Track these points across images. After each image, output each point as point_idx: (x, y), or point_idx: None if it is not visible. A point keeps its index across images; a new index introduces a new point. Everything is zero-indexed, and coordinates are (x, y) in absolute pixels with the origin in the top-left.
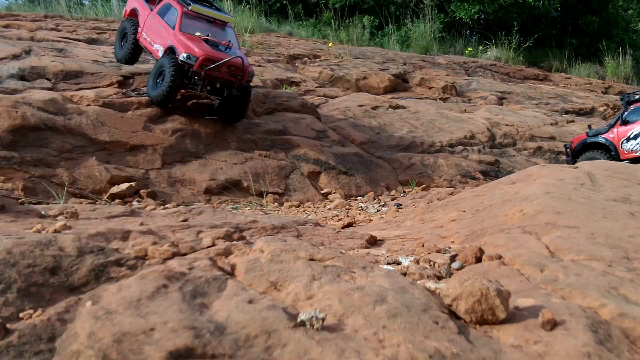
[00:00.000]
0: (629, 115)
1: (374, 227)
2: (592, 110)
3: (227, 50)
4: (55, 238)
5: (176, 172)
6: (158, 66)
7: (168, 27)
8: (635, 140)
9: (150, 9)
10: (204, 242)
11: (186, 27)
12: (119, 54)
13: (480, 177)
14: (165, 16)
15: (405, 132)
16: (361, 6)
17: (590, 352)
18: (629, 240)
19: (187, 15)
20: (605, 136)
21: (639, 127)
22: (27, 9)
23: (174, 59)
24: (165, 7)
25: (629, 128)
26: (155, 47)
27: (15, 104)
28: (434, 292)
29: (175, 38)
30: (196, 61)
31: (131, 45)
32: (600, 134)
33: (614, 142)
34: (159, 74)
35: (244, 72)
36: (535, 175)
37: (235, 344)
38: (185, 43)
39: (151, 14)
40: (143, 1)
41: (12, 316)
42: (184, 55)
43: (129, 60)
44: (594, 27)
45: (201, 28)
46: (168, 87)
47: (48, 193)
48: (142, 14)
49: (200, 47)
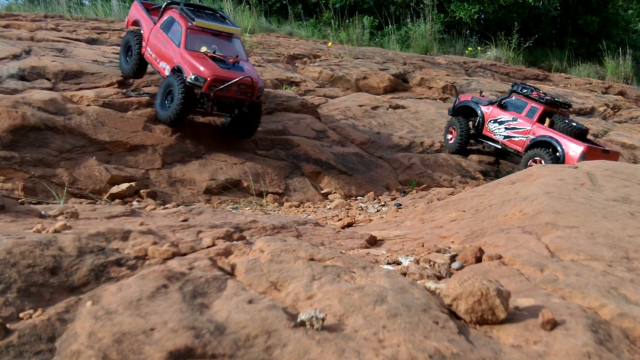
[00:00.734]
0: (508, 102)
1: (374, 227)
2: (592, 110)
3: (235, 67)
4: (55, 238)
5: (176, 172)
6: (166, 85)
7: (173, 44)
8: (499, 125)
9: (153, 21)
10: (204, 242)
11: (192, 44)
12: (125, 69)
13: (480, 177)
14: (170, 31)
15: (405, 132)
16: (361, 6)
17: (590, 352)
18: (629, 240)
19: (191, 30)
20: (481, 107)
21: (507, 116)
22: (27, 9)
23: (182, 80)
24: (168, 22)
25: (500, 113)
26: (162, 64)
27: (15, 104)
28: (434, 292)
29: (182, 57)
30: (204, 82)
31: (136, 60)
32: (479, 105)
33: (485, 117)
34: (167, 92)
35: (254, 88)
36: (535, 175)
37: (235, 344)
38: (192, 63)
39: (154, 27)
40: (145, 13)
41: (12, 316)
42: (192, 77)
43: (136, 74)
44: (594, 27)
45: (207, 42)
46: (178, 109)
47: (48, 193)
48: (145, 27)
49: (207, 66)
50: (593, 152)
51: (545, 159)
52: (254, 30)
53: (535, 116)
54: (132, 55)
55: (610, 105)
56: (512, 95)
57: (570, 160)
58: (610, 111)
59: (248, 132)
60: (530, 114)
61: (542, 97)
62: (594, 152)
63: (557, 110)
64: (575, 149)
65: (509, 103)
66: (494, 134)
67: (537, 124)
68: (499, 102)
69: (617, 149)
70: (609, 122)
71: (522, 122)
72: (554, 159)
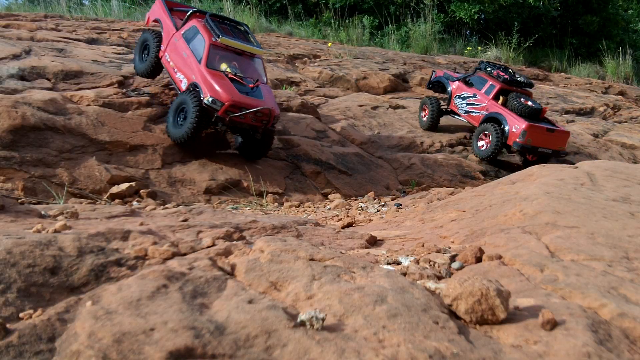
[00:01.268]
0: (473, 79)
1: (374, 227)
2: (592, 110)
3: (254, 92)
4: (55, 238)
5: (176, 172)
6: (179, 102)
7: (194, 58)
8: (462, 100)
9: (175, 25)
10: (204, 242)
11: (213, 61)
12: (139, 67)
13: (480, 177)
14: (192, 43)
15: (405, 132)
16: (361, 6)
17: (590, 352)
18: (629, 240)
19: (215, 46)
20: (450, 84)
21: (469, 92)
22: (27, 9)
23: (197, 100)
24: (192, 31)
25: (465, 89)
26: (179, 76)
27: (15, 104)
28: (434, 292)
29: (201, 75)
30: (221, 107)
31: (153, 61)
32: (449, 80)
33: (452, 92)
34: (180, 110)
35: (270, 117)
36: (535, 175)
37: (235, 344)
38: (211, 84)
39: (176, 34)
40: (168, 14)
41: (12, 316)
42: (209, 99)
43: (150, 75)
44: (594, 27)
45: (228, 59)
46: (191, 130)
47: (48, 193)
48: (166, 30)
49: (226, 90)
50: (535, 130)
51: (492, 134)
52: (254, 30)
53: (491, 93)
54: (149, 55)
55: (610, 105)
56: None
57: (513, 136)
58: (610, 111)
59: (259, 155)
60: (488, 91)
61: (501, 75)
62: (536, 130)
63: (515, 89)
64: (518, 125)
65: (473, 80)
66: (458, 108)
67: (492, 101)
68: (465, 78)
69: (617, 149)
70: (609, 122)
71: (480, 98)
72: (499, 133)
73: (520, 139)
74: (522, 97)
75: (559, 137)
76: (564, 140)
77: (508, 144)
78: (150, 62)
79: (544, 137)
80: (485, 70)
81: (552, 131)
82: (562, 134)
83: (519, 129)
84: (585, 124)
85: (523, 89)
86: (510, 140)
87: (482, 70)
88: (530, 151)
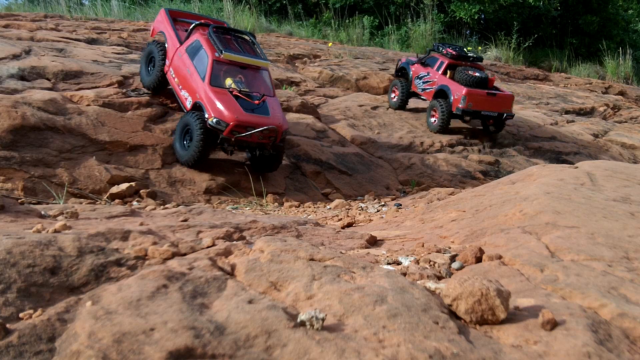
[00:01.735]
0: (428, 60)
1: (374, 227)
2: (592, 110)
3: (260, 108)
4: (55, 238)
5: (176, 172)
6: (184, 124)
7: (197, 75)
8: (420, 80)
9: (179, 39)
10: (204, 242)
11: (217, 77)
12: (145, 80)
13: (480, 177)
14: (195, 58)
15: (405, 132)
16: (361, 6)
17: (590, 352)
18: (629, 240)
19: (218, 62)
20: (411, 67)
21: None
22: (27, 9)
23: (201, 120)
24: (195, 47)
25: (422, 69)
26: (184, 93)
27: (15, 104)
28: (434, 292)
29: (205, 94)
30: (226, 127)
31: (158, 75)
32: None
33: (413, 74)
34: (185, 131)
35: (279, 133)
36: (535, 175)
37: (235, 344)
38: (215, 104)
39: (180, 49)
40: (171, 26)
41: (12, 316)
42: (214, 120)
43: (156, 88)
44: (594, 27)
45: (233, 73)
46: (197, 152)
47: (48, 193)
48: (170, 44)
49: (231, 109)
50: (475, 94)
51: (438, 109)
52: (254, 30)
53: (441, 69)
54: (155, 69)
55: (610, 105)
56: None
57: (455, 102)
58: (610, 111)
59: (270, 169)
60: (439, 67)
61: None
62: (476, 95)
63: (464, 64)
64: (459, 92)
65: (429, 60)
66: (418, 88)
67: (441, 76)
68: (421, 60)
69: (617, 149)
70: (609, 122)
71: (432, 75)
72: (445, 105)
73: (461, 104)
74: (469, 70)
75: (501, 100)
76: (508, 102)
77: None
78: (156, 77)
79: (485, 101)
80: (438, 50)
81: (494, 95)
82: (505, 97)
83: (459, 95)
84: (585, 124)
85: (472, 63)
86: (454, 107)
87: (435, 51)
88: (475, 115)
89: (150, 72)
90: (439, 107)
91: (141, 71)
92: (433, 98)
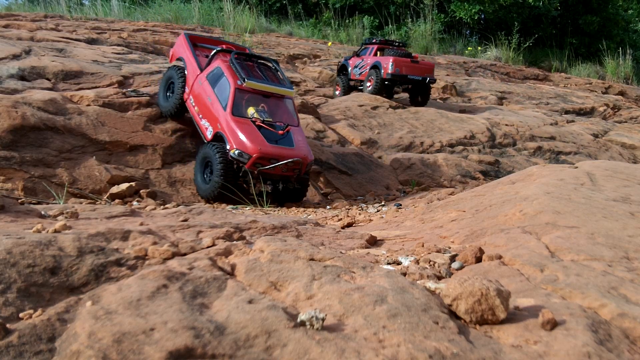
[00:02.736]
0: (362, 52)
1: (374, 227)
2: (592, 110)
3: (284, 139)
4: (55, 238)
5: (176, 172)
6: (204, 156)
7: (219, 104)
8: (356, 67)
9: (199, 66)
10: (204, 242)
11: (239, 106)
12: (163, 106)
13: (480, 177)
14: (216, 86)
15: (405, 132)
16: (361, 6)
17: (590, 352)
18: (629, 240)
19: (240, 90)
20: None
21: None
22: (27, 9)
23: (222, 153)
24: (216, 74)
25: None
26: (204, 123)
27: (15, 104)
28: (434, 292)
29: (227, 125)
30: (249, 159)
31: (177, 102)
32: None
33: (351, 66)
34: (205, 164)
35: (303, 166)
36: (535, 175)
37: (235, 344)
38: (237, 135)
39: (200, 76)
40: (191, 52)
41: (12, 316)
42: (235, 152)
43: (174, 115)
44: (594, 27)
45: (256, 101)
46: (218, 187)
47: (48, 193)
48: (190, 71)
49: (254, 141)
50: (401, 61)
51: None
52: (254, 30)
53: (372, 53)
54: (174, 96)
55: (610, 105)
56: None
57: (386, 70)
58: (610, 111)
59: (294, 200)
60: (370, 52)
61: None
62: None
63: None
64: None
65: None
66: (355, 75)
67: (372, 57)
68: (356, 53)
69: (617, 149)
70: (609, 122)
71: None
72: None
73: (390, 69)
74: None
75: (424, 66)
76: (430, 69)
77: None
78: (174, 104)
79: (410, 67)
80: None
81: (417, 62)
82: (427, 65)
83: (388, 64)
84: (585, 124)
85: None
86: (384, 75)
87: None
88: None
89: (169, 98)
90: (374, 75)
91: (159, 96)
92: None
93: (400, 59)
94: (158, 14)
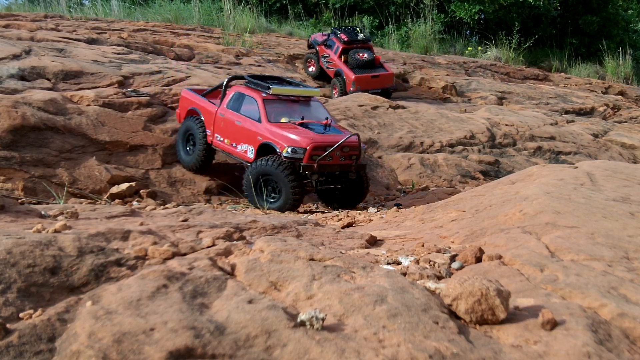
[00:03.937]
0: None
1: (374, 227)
2: (592, 110)
3: (330, 130)
4: (55, 238)
5: (176, 172)
6: (257, 175)
7: (251, 121)
8: (325, 59)
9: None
10: (204, 242)
11: (272, 115)
12: (186, 161)
13: (480, 177)
14: (242, 108)
15: (405, 132)
16: (361, 6)
17: (590, 352)
18: (629, 240)
19: (268, 100)
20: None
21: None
22: (27, 9)
23: (280, 162)
24: (236, 99)
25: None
26: (241, 147)
27: (15, 104)
28: (434, 292)
29: (269, 132)
30: (304, 153)
31: (203, 150)
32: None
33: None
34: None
35: (360, 149)
36: (535, 175)
37: (235, 344)
38: (284, 135)
39: (220, 110)
40: (201, 98)
41: (12, 316)
42: (288, 150)
43: (202, 167)
44: (594, 27)
45: (287, 111)
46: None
47: (48, 193)
48: (206, 113)
49: (302, 135)
50: (362, 79)
51: (338, 86)
52: (254, 30)
53: (337, 53)
54: (197, 145)
55: (610, 105)
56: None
57: (348, 85)
58: (610, 111)
59: (357, 200)
60: (336, 51)
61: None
62: (363, 79)
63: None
64: (350, 77)
65: (329, 42)
66: (324, 65)
67: (338, 59)
68: (324, 42)
69: (617, 149)
70: (609, 122)
71: (332, 57)
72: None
73: (352, 88)
74: (359, 52)
75: (383, 79)
76: (389, 79)
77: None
78: (200, 153)
79: (370, 82)
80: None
81: (377, 76)
82: (386, 76)
83: (350, 81)
84: (585, 124)
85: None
86: (347, 89)
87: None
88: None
89: (191, 152)
90: (337, 84)
91: (179, 152)
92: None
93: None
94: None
